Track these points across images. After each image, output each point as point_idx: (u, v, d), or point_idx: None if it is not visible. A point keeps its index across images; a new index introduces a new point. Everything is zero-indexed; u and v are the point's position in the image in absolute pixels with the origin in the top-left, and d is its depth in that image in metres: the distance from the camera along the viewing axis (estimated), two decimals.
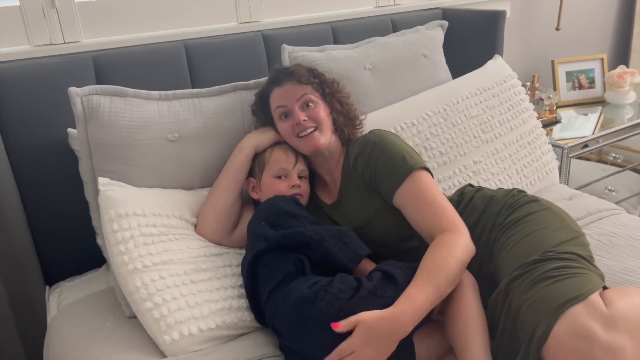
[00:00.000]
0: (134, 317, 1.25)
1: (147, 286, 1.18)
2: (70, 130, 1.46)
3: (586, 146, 2.29)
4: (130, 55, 1.59)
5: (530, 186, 1.79)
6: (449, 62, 1.97)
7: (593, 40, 3.05)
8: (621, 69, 2.64)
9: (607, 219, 1.61)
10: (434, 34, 1.92)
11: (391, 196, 1.28)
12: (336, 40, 1.93)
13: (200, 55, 1.68)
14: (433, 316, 1.12)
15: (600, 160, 2.67)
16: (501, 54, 2.04)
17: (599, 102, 2.72)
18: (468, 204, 1.37)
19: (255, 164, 1.39)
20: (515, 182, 1.75)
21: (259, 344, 1.22)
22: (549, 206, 1.28)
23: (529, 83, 2.49)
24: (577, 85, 2.75)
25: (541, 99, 2.48)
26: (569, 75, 2.74)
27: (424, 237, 1.25)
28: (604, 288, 1.09)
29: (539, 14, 2.75)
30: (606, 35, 3.11)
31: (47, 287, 1.57)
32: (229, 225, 1.37)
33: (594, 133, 2.33)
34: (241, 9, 1.83)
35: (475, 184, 1.54)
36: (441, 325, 1.14)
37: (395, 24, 2.07)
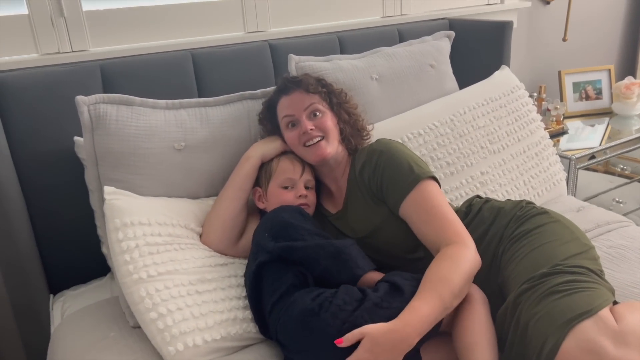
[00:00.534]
0: (138, 327, 1.24)
1: (152, 296, 1.17)
2: (76, 138, 1.46)
3: (593, 157, 2.28)
4: (138, 64, 1.60)
5: (537, 197, 1.77)
6: (455, 73, 1.97)
7: (600, 51, 3.04)
8: (629, 80, 2.63)
9: (616, 232, 1.60)
10: (441, 44, 1.91)
11: (397, 206, 1.27)
12: (343, 50, 1.93)
13: (207, 65, 1.69)
14: (441, 329, 1.11)
15: (607, 172, 2.65)
16: (508, 65, 2.04)
17: (606, 113, 2.71)
18: (476, 215, 1.36)
19: (261, 174, 1.38)
20: (522, 194, 1.74)
21: (263, 356, 1.21)
22: (559, 218, 1.27)
23: (535, 94, 2.49)
24: (584, 96, 2.74)
25: (548, 110, 2.47)
26: (576, 86, 2.73)
27: (429, 249, 1.24)
28: (614, 303, 1.08)
29: (546, 25, 2.75)
30: (613, 46, 3.11)
31: (51, 296, 1.57)
32: (234, 235, 1.36)
33: (601, 144, 2.32)
34: (248, 19, 1.84)
35: (483, 195, 1.53)
36: (449, 338, 1.13)
37: (401, 34, 2.07)
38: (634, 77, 2.78)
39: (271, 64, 1.80)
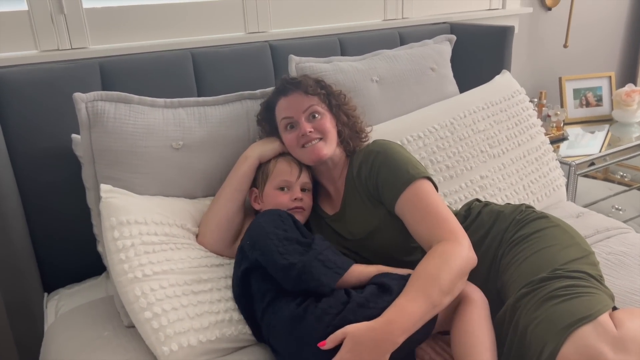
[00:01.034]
0: (133, 327, 1.23)
1: (147, 295, 1.16)
2: (74, 135, 1.45)
3: (593, 164, 2.27)
4: (137, 62, 1.59)
5: (537, 202, 1.76)
6: (456, 77, 1.96)
7: (601, 58, 3.04)
8: (629, 87, 2.63)
9: (616, 238, 1.59)
10: (442, 47, 1.91)
11: (393, 204, 1.26)
12: (343, 52, 1.93)
13: (207, 64, 1.68)
14: (440, 330, 1.09)
15: (606, 179, 2.65)
16: (509, 70, 2.03)
17: (607, 120, 2.71)
18: (475, 219, 1.35)
19: (258, 175, 1.37)
20: (522, 198, 1.73)
21: (259, 358, 1.20)
22: (559, 223, 1.26)
23: (536, 99, 2.48)
24: (585, 102, 2.74)
25: (548, 116, 2.47)
26: (577, 92, 2.73)
27: (424, 247, 1.21)
28: (614, 308, 1.07)
29: (547, 31, 2.75)
30: (614, 53, 3.11)
31: (46, 294, 1.55)
32: (230, 236, 1.35)
33: (601, 151, 2.32)
34: (249, 19, 1.83)
35: (482, 199, 1.52)
36: (447, 341, 1.12)
37: (402, 38, 2.07)
38: (635, 85, 2.79)
39: (271, 65, 1.79)
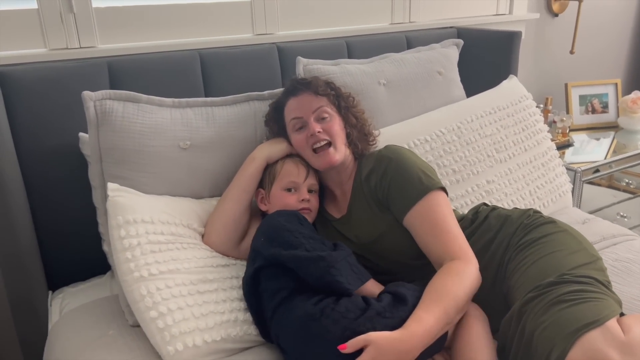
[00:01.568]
0: (137, 326, 1.23)
1: (153, 295, 1.15)
2: (81, 134, 1.46)
3: (597, 171, 2.26)
4: (145, 62, 1.59)
5: (543, 208, 1.76)
6: (463, 82, 1.96)
7: (607, 64, 3.04)
8: (635, 94, 2.63)
9: (622, 245, 1.59)
10: (449, 52, 1.91)
11: (402, 216, 1.26)
12: (350, 55, 1.93)
13: (214, 65, 1.68)
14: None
15: (610, 186, 2.64)
16: (515, 75, 2.03)
17: (612, 127, 2.71)
18: (482, 223, 1.34)
19: (265, 176, 1.37)
20: (528, 204, 1.73)
21: (264, 359, 1.19)
22: (566, 228, 1.26)
23: (542, 105, 2.48)
24: (591, 109, 2.73)
25: (554, 122, 2.47)
26: (583, 99, 2.72)
27: (431, 260, 1.23)
28: (621, 315, 1.06)
29: (554, 37, 2.75)
30: (621, 60, 3.11)
31: (50, 292, 1.55)
32: (236, 237, 1.35)
33: (606, 158, 2.31)
34: (257, 21, 1.84)
35: (489, 204, 1.52)
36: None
37: (409, 42, 2.07)
38: None
39: (279, 67, 1.80)
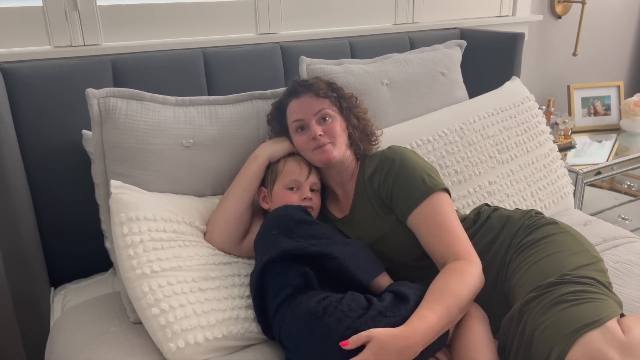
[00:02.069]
0: (139, 323, 1.24)
1: (155, 292, 1.16)
2: (84, 131, 1.46)
3: (599, 173, 2.26)
4: (149, 60, 1.60)
5: (545, 209, 1.76)
6: (465, 83, 1.96)
7: (610, 67, 3.04)
8: (638, 97, 2.63)
9: (623, 247, 1.58)
10: (452, 52, 1.91)
11: (406, 216, 1.27)
12: (353, 55, 1.94)
13: (218, 64, 1.69)
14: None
15: (612, 189, 2.64)
16: (518, 77, 2.03)
17: (614, 130, 2.71)
18: (484, 223, 1.34)
19: (267, 174, 1.38)
20: (529, 205, 1.73)
21: (265, 357, 1.20)
22: (568, 229, 1.26)
23: (544, 107, 2.48)
24: (593, 111, 2.73)
25: (556, 124, 2.47)
26: (585, 101, 2.72)
27: (434, 261, 1.23)
28: (622, 316, 1.07)
29: (557, 39, 2.75)
30: (623, 63, 3.10)
31: (52, 289, 1.56)
32: (238, 234, 1.35)
33: (608, 160, 2.31)
34: (260, 20, 1.84)
35: (491, 205, 1.52)
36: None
37: (412, 42, 2.07)
38: None
39: (282, 66, 1.80)
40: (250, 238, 1.36)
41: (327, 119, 1.35)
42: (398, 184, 1.28)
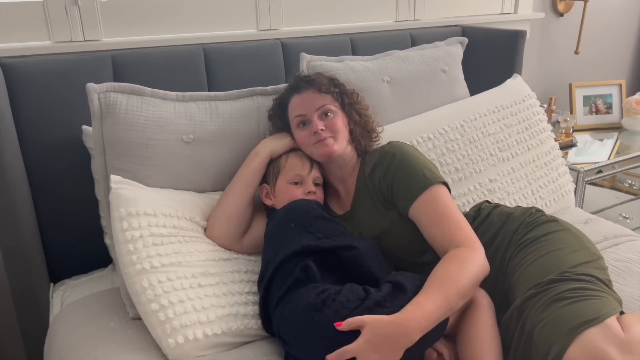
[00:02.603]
0: (138, 319, 1.24)
1: (154, 287, 1.16)
2: (84, 127, 1.46)
3: (600, 172, 2.26)
4: (149, 56, 1.59)
5: (545, 207, 1.76)
6: (467, 80, 1.96)
7: (612, 65, 3.03)
8: (639, 95, 2.62)
9: (624, 245, 1.58)
10: (454, 50, 1.91)
11: (407, 208, 1.26)
12: (354, 52, 1.93)
13: (218, 60, 1.68)
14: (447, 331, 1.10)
15: (613, 187, 2.63)
16: (520, 74, 2.03)
17: (616, 128, 2.70)
18: (484, 220, 1.35)
19: (269, 170, 1.38)
20: (530, 203, 1.73)
21: (264, 353, 1.19)
22: (568, 227, 1.26)
23: (545, 105, 2.47)
24: (594, 109, 2.73)
25: (557, 122, 2.47)
26: (587, 99, 2.72)
27: (437, 251, 1.23)
28: (621, 313, 1.06)
29: (559, 37, 2.74)
30: (625, 61, 3.10)
31: (52, 284, 1.56)
32: (239, 231, 1.35)
33: (609, 159, 2.31)
34: (261, 17, 1.84)
35: (491, 202, 1.52)
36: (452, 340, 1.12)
37: (414, 39, 2.07)
38: None
39: (282, 63, 1.80)
40: (251, 234, 1.37)
41: (329, 114, 1.35)
42: (398, 177, 1.28)
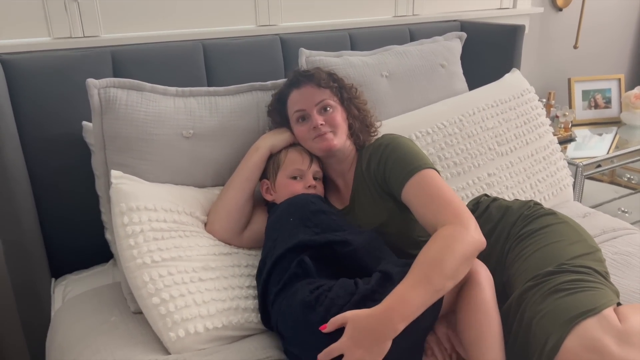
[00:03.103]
0: (139, 313, 1.24)
1: (155, 282, 1.17)
2: (85, 123, 1.47)
3: (599, 166, 2.27)
4: (149, 52, 1.60)
5: (544, 201, 1.76)
6: (465, 75, 1.96)
7: (611, 60, 3.04)
8: (638, 90, 2.63)
9: (622, 238, 1.59)
10: (452, 44, 1.91)
11: (400, 192, 1.25)
12: (353, 47, 1.94)
13: (217, 56, 1.69)
14: (447, 310, 1.10)
15: (612, 182, 2.64)
16: (518, 69, 2.03)
17: (615, 123, 2.71)
18: (483, 213, 1.35)
19: (269, 165, 1.38)
20: (529, 197, 1.73)
21: (264, 346, 1.20)
22: (566, 220, 1.27)
23: (544, 100, 2.48)
24: (593, 104, 2.73)
25: (556, 116, 2.47)
26: (585, 94, 2.72)
27: (430, 233, 1.17)
28: (619, 305, 1.07)
29: (558, 32, 2.75)
30: (624, 56, 3.10)
31: (53, 280, 1.56)
32: (239, 225, 1.36)
33: (608, 153, 2.31)
34: (260, 12, 1.84)
35: (490, 195, 1.53)
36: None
37: (412, 34, 2.07)
38: None
39: (281, 58, 1.80)
40: (251, 229, 1.37)
41: (328, 109, 1.35)
42: (389, 165, 1.29)
